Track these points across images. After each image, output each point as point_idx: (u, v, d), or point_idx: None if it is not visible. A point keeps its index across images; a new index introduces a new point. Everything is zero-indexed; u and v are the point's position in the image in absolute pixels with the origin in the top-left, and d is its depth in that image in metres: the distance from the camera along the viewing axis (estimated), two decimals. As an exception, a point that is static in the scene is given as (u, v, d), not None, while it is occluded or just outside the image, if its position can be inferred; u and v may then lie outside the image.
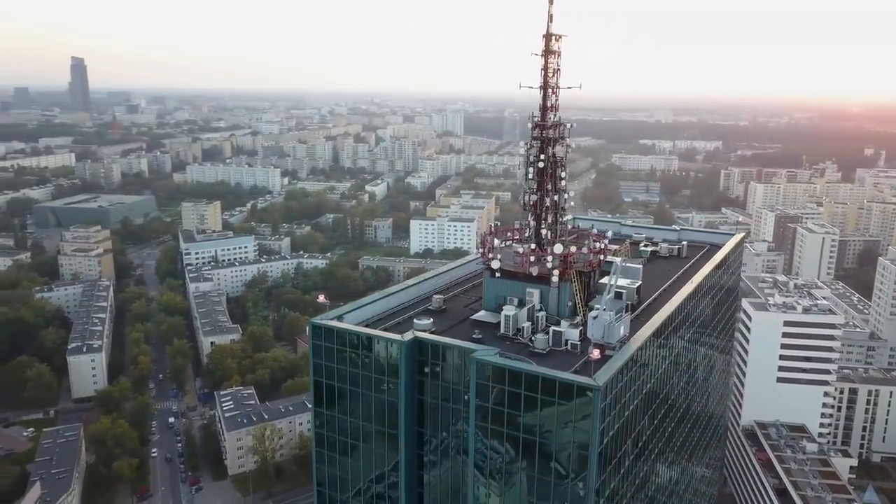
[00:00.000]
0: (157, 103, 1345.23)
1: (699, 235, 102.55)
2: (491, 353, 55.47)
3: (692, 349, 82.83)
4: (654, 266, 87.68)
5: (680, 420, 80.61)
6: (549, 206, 67.97)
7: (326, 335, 61.19)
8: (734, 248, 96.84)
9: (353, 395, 61.22)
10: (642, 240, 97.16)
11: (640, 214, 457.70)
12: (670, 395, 74.28)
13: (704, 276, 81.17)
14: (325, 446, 63.71)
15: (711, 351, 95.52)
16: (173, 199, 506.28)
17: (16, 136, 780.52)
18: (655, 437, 69.22)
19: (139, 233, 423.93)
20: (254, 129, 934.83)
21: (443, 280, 78.37)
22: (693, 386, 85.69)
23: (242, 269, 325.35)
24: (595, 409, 50.17)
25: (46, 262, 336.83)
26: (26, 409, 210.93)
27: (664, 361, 69.54)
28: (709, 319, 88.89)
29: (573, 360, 57.18)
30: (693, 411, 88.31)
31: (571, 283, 64.36)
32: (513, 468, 55.59)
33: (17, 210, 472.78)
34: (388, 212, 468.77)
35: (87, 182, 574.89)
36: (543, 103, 68.59)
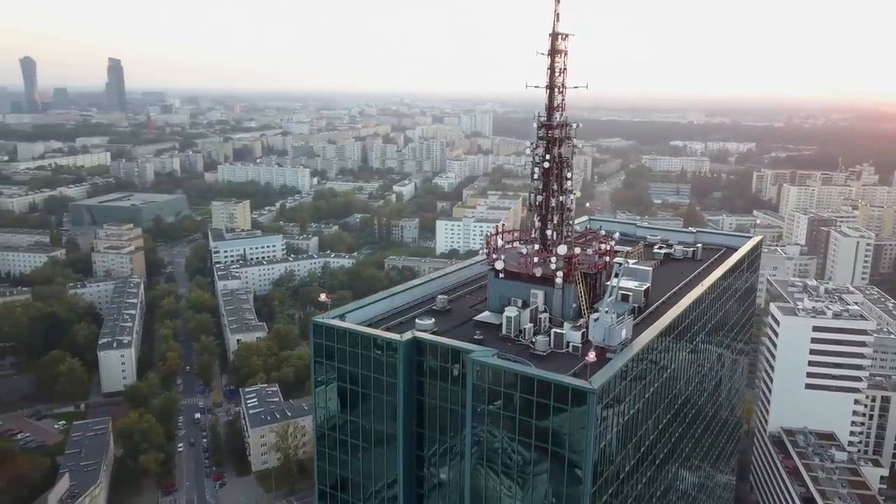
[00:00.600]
0: (190, 104, 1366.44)
1: (716, 238, 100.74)
2: (488, 355, 55.12)
3: (703, 353, 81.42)
4: (667, 268, 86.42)
5: (689, 425, 79.28)
6: (555, 207, 67.35)
7: (327, 334, 61.36)
8: (751, 251, 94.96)
9: (353, 395, 61.26)
10: (657, 242, 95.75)
11: (669, 216, 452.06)
12: (677, 399, 73.08)
13: (716, 278, 79.75)
14: (326, 445, 64.06)
15: (725, 355, 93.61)
16: (204, 198, 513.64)
17: (54, 135, 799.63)
18: (661, 442, 68.18)
19: (170, 231, 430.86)
20: (284, 130, 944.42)
21: (449, 280, 78.09)
22: (704, 391, 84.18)
23: (270, 268, 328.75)
24: (590, 412, 49.59)
25: (80, 259, 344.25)
26: (58, 403, 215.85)
27: (670, 365, 68.46)
28: (722, 323, 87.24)
29: (573, 363, 56.61)
30: (704, 416, 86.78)
31: (576, 284, 63.69)
32: (509, 471, 55.37)
33: (53, 208, 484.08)
34: (415, 212, 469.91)
35: (122, 181, 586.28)
36: (549, 103, 67.96)
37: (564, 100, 67.62)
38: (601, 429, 52.50)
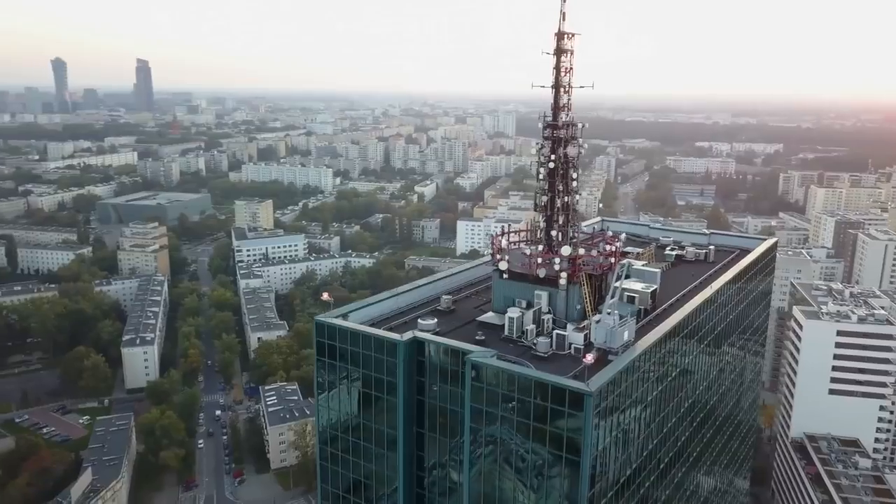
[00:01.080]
0: (216, 104, 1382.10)
1: (729, 240, 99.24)
2: (487, 355, 54.86)
3: (712, 356, 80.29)
4: (678, 270, 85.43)
5: (697, 429, 78.26)
6: (561, 208, 66.88)
7: (329, 333, 61.57)
8: (764, 254, 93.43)
9: (354, 394, 61.36)
10: (669, 243, 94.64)
11: (693, 218, 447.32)
12: (684, 402, 72.20)
13: (726, 281, 78.64)
14: (328, 443, 64.32)
15: (737, 358, 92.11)
16: (228, 198, 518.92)
17: (83, 135, 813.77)
18: (666, 445, 67.37)
19: (195, 229, 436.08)
20: (308, 130, 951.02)
21: (455, 281, 77.91)
22: (714, 394, 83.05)
23: (292, 267, 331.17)
24: (587, 414, 49.15)
25: (107, 257, 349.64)
26: (83, 398, 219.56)
27: (676, 368, 67.61)
28: (733, 326, 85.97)
29: (574, 365, 56.22)
30: (714, 420, 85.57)
31: (581, 286, 63.16)
32: (508, 472, 55.17)
33: (81, 206, 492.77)
34: (436, 212, 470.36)
35: (148, 180, 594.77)
36: (555, 102, 67.51)
37: (571, 99, 67.13)
38: (599, 431, 51.99)
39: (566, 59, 65.70)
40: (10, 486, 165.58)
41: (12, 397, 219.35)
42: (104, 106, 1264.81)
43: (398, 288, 72.48)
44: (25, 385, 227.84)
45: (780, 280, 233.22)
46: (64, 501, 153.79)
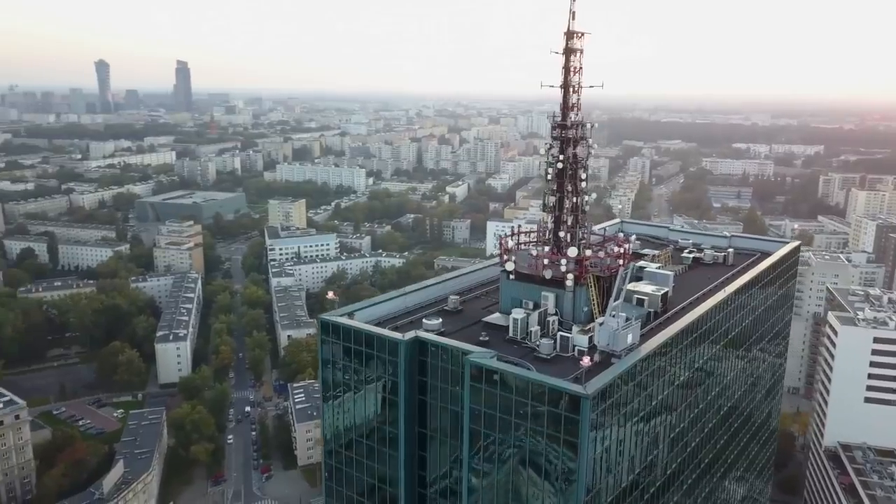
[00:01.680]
0: (253, 104, 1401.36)
1: (750, 243, 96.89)
2: (486, 356, 54.50)
3: (725, 361, 78.51)
4: (695, 273, 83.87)
5: (710, 435, 76.73)
6: (570, 209, 66.18)
7: (334, 331, 61.88)
8: (785, 257, 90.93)
9: (357, 392, 61.65)
10: (688, 246, 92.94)
11: (728, 220, 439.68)
12: (693, 407, 70.78)
13: (740, 284, 76.82)
14: (333, 441, 64.75)
15: (753, 363, 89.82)
16: (263, 197, 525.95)
17: (124, 135, 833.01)
18: (673, 451, 66.13)
19: (229, 228, 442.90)
20: (343, 130, 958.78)
21: (466, 281, 77.63)
22: (727, 399, 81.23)
23: (323, 266, 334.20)
24: (584, 417, 48.49)
25: (143, 254, 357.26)
26: (117, 392, 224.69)
27: (684, 372, 66.34)
28: (749, 330, 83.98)
29: (576, 367, 55.52)
30: (728, 426, 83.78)
31: (588, 288, 62.38)
32: (504, 473, 54.83)
33: (121, 204, 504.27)
34: (466, 213, 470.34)
35: (185, 179, 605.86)
36: (564, 102, 66.87)
37: (580, 99, 66.40)
38: (598, 434, 51.30)
39: (575, 58, 65.05)
40: (46, 476, 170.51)
41: (51, 390, 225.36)
42: (145, 106, 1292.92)
43: (406, 287, 72.61)
44: (63, 378, 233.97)
45: (817, 285, 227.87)
46: (97, 492, 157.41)
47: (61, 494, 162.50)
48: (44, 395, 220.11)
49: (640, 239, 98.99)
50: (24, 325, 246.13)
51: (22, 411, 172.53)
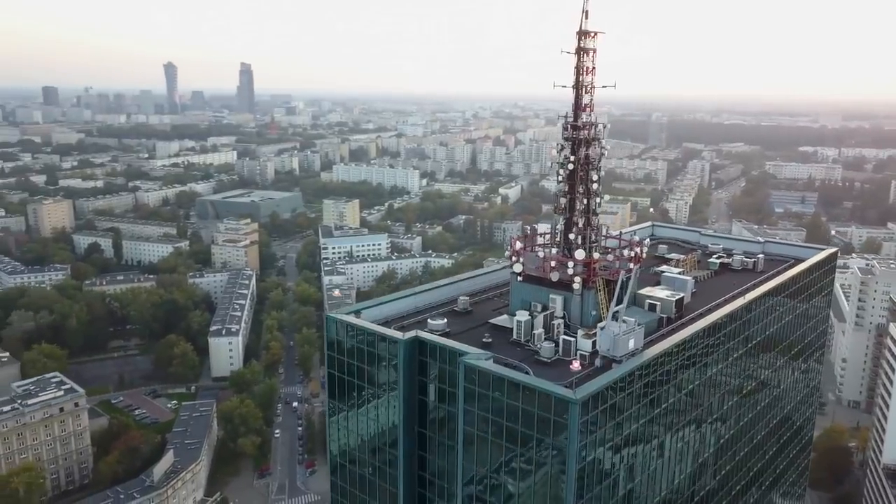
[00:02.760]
0: (313, 106, 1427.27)
1: (785, 249, 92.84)
2: (481, 357, 54.07)
3: (744, 371, 75.44)
4: (720, 279, 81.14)
5: (724, 448, 73.97)
6: (581, 210, 65.08)
7: (339, 329, 62.44)
8: (820, 264, 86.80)
9: (360, 390, 62.06)
10: (718, 251, 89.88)
11: (790, 226, 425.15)
12: (704, 418, 68.54)
13: (763, 292, 73.84)
14: (338, 438, 65.41)
15: (779, 375, 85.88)
16: (319, 197, 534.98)
17: (189, 135, 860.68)
18: (679, 463, 64.20)
19: (285, 226, 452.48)
20: (399, 132, 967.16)
21: (480, 283, 77.09)
22: (746, 411, 78.13)
23: (374, 265, 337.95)
24: (573, 422, 47.60)
25: (202, 251, 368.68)
26: (172, 383, 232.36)
27: (693, 381, 64.30)
28: (774, 340, 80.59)
29: (575, 371, 54.45)
30: (747, 439, 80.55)
31: (596, 291, 61.11)
32: (498, 477, 54.34)
33: (183, 202, 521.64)
34: (518, 215, 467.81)
35: (245, 178, 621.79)
36: (576, 102, 65.82)
37: (593, 99, 65.40)
38: (590, 441, 50.27)
39: (588, 58, 64.08)
40: (101, 462, 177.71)
41: (110, 379, 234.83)
42: (209, 107, 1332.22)
43: (417, 287, 72.74)
44: (122, 369, 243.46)
45: (881, 294, 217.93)
46: (147, 480, 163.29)
47: (115, 480, 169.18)
48: (104, 385, 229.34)
49: (669, 243, 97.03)
50: (87, 317, 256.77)
51: (81, 399, 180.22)
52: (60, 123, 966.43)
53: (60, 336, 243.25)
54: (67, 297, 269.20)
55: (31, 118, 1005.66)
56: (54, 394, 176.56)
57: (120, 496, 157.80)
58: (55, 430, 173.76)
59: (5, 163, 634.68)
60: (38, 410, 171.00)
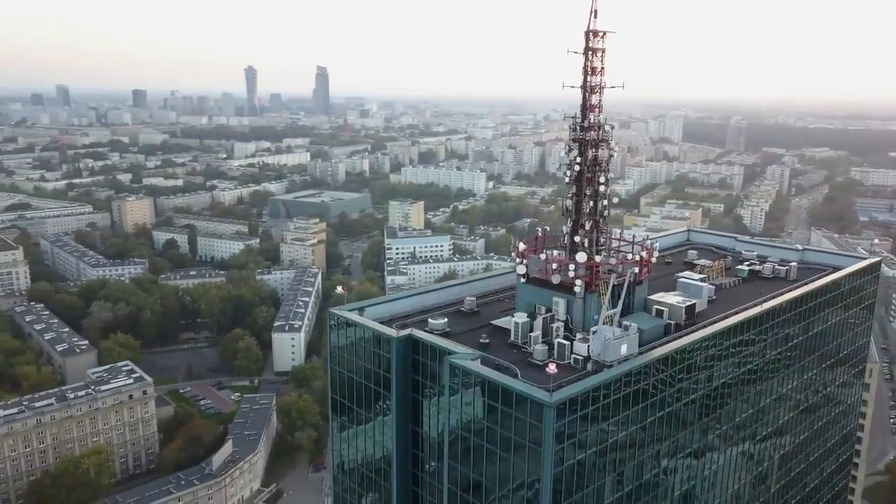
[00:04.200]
0: (386, 108, 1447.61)
1: (826, 257, 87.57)
2: (466, 357, 53.65)
3: (759, 385, 71.60)
4: (747, 287, 77.53)
5: (735, 462, 70.53)
6: (588, 213, 63.77)
7: (339, 325, 63.38)
8: (858, 274, 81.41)
9: (358, 387, 62.71)
10: (752, 258, 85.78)
11: (876, 235, 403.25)
12: (710, 430, 65.85)
13: (785, 301, 69.95)
14: (340, 432, 66.40)
15: (805, 392, 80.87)
16: (387, 198, 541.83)
17: (265, 136, 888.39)
18: (674, 480, 62.00)
19: (352, 227, 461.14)
20: (469, 134, 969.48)
21: (493, 284, 76.59)
22: (760, 427, 74.10)
23: (436, 266, 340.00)
24: (547, 425, 46.73)
25: (271, 249, 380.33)
26: (237, 376, 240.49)
27: (696, 391, 61.90)
28: (798, 353, 76.33)
29: (564, 375, 53.43)
30: (765, 455, 76.45)
31: (599, 295, 59.68)
32: (480, 477, 54.05)
33: (256, 201, 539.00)
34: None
35: (317, 179, 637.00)
36: (583, 103, 64.46)
37: (601, 100, 64.21)
38: (568, 445, 49.26)
39: (596, 58, 63.02)
40: (166, 448, 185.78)
41: (179, 370, 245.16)
42: (287, 110, 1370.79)
43: (426, 286, 73.01)
44: (191, 360, 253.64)
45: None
46: (207, 468, 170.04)
47: (178, 466, 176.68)
48: (173, 375, 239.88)
49: (702, 249, 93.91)
50: (161, 310, 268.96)
51: (149, 387, 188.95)
52: (147, 125, 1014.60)
53: (136, 327, 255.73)
54: (144, 290, 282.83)
55: (122, 120, 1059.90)
56: (125, 381, 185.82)
57: (181, 482, 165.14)
58: (125, 416, 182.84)
59: (96, 162, 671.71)
60: (109, 396, 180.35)
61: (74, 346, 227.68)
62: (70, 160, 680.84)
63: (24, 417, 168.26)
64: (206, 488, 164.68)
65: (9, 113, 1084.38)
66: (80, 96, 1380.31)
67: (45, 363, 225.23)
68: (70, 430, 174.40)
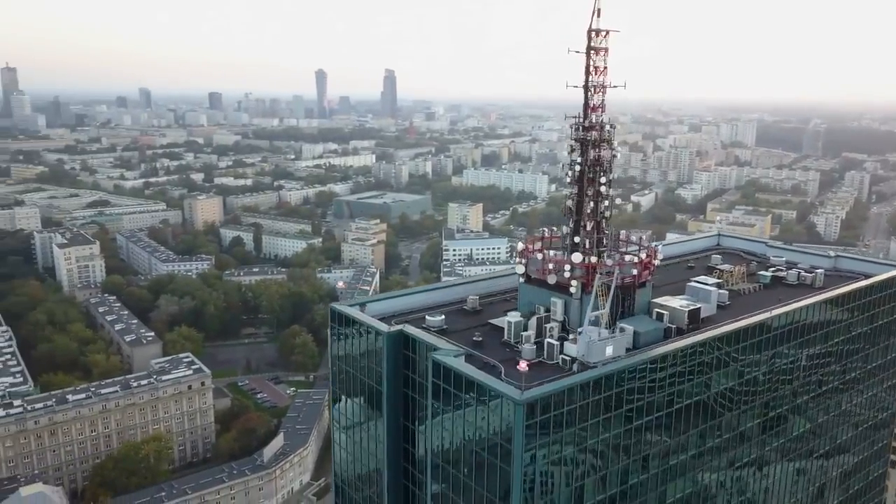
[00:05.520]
0: (452, 111, 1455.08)
1: (860, 265, 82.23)
2: (449, 354, 53.54)
3: (764, 396, 68.19)
4: (765, 293, 74.27)
5: (741, 474, 67.47)
6: (589, 214, 62.62)
7: (338, 319, 64.41)
8: (890, 282, 76.13)
9: (354, 380, 63.58)
10: (780, 264, 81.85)
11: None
12: (707, 439, 63.46)
13: (796, 308, 66.54)
14: (338, 426, 67.36)
15: (820, 407, 76.01)
16: (448, 200, 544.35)
17: (333, 138, 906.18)
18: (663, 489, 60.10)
19: (413, 228, 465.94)
20: (533, 137, 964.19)
21: (500, 283, 76.12)
22: (774, 438, 70.66)
23: (492, 269, 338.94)
24: (517, 423, 46.20)
25: (332, 248, 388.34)
26: (293, 371, 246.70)
27: (682, 400, 59.75)
28: (813, 364, 72.14)
29: (547, 374, 52.68)
30: (778, 466, 72.51)
31: (599, 296, 58.45)
32: (458, 473, 54.04)
33: (321, 202, 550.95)
34: (648, 223, 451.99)
35: (380, 180, 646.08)
36: (585, 103, 63.55)
37: (604, 100, 63.12)
38: (540, 444, 48.71)
39: (599, 57, 62.05)
40: (221, 438, 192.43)
41: (239, 364, 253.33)
42: (355, 112, 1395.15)
43: (433, 284, 73.37)
44: (251, 354, 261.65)
45: None
46: (259, 459, 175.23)
47: (232, 456, 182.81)
48: (232, 368, 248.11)
49: (730, 254, 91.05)
50: (224, 305, 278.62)
51: (207, 379, 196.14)
52: (221, 126, 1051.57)
53: (199, 320, 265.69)
54: (208, 285, 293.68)
55: (198, 121, 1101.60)
56: (184, 372, 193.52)
57: (234, 471, 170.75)
58: (183, 406, 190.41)
59: (171, 161, 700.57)
60: (169, 386, 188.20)
61: (142, 338, 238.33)
62: (148, 160, 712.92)
63: (91, 403, 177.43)
64: (258, 479, 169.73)
65: (95, 115, 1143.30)
66: (160, 98, 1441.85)
67: (114, 352, 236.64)
68: (133, 416, 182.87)
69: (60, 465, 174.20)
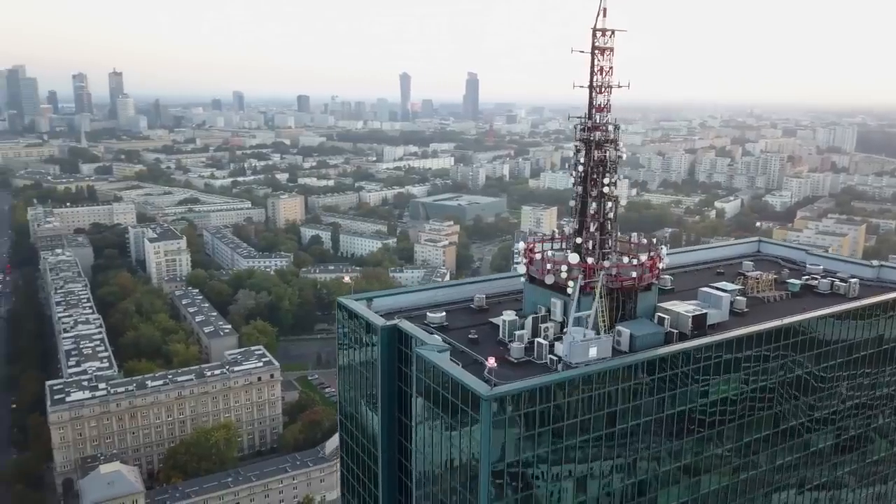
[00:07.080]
0: (534, 114, 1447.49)
1: None
2: (433, 348, 53.39)
3: (770, 410, 64.47)
4: (792, 302, 70.37)
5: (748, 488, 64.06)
6: (593, 214, 61.06)
7: (344, 314, 65.70)
8: None
9: (355, 373, 64.40)
10: (816, 272, 76.79)
11: None
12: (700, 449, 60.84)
13: (809, 318, 62.47)
14: (345, 417, 68.35)
15: (832, 425, 70.40)
16: (524, 202, 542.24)
17: (414, 140, 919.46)
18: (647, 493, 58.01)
19: (486, 230, 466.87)
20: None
21: (511, 283, 75.38)
22: (780, 454, 66.64)
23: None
24: (485, 419, 45.70)
25: (406, 248, 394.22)
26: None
27: (671, 407, 57.50)
28: (830, 378, 67.44)
29: (530, 372, 51.66)
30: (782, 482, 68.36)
31: (599, 297, 56.81)
32: (436, 472, 53.99)
33: (399, 203, 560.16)
34: (732, 230, 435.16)
35: (458, 183, 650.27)
36: (590, 103, 63.08)
37: (609, 100, 61.75)
38: (511, 441, 48.01)
39: (604, 57, 60.89)
40: (287, 429, 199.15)
41: (310, 358, 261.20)
42: (437, 115, 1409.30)
43: (443, 282, 73.48)
44: (322, 349, 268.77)
45: None
46: (321, 451, 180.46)
47: (296, 447, 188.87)
48: (304, 362, 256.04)
49: (768, 261, 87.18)
50: (299, 300, 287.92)
51: (276, 371, 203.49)
52: (308, 128, 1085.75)
53: (275, 315, 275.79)
54: (285, 281, 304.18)
55: (286, 123, 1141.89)
56: (255, 364, 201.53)
57: (297, 462, 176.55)
58: (253, 396, 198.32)
59: (259, 161, 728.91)
60: (240, 377, 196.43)
61: (219, 329, 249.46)
62: (237, 160, 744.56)
63: (168, 389, 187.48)
64: (319, 471, 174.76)
65: (192, 116, 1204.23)
66: (252, 101, 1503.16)
67: (193, 343, 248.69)
68: (205, 404, 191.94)
69: (139, 446, 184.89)
